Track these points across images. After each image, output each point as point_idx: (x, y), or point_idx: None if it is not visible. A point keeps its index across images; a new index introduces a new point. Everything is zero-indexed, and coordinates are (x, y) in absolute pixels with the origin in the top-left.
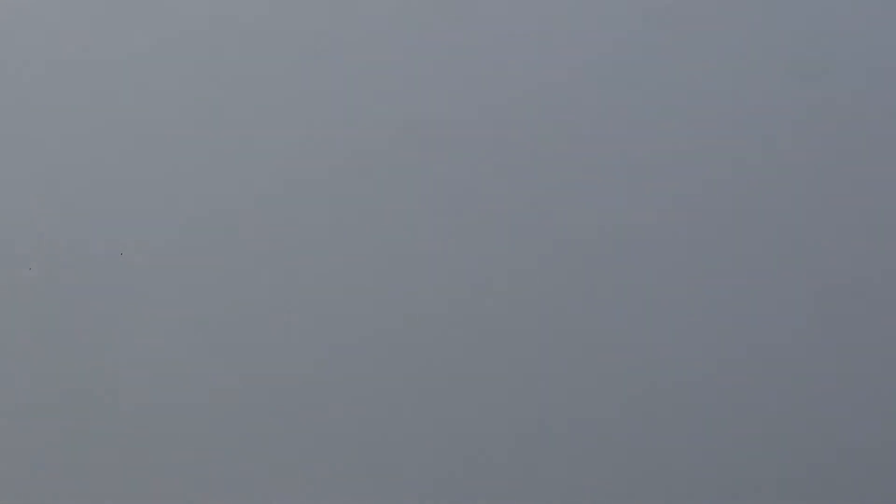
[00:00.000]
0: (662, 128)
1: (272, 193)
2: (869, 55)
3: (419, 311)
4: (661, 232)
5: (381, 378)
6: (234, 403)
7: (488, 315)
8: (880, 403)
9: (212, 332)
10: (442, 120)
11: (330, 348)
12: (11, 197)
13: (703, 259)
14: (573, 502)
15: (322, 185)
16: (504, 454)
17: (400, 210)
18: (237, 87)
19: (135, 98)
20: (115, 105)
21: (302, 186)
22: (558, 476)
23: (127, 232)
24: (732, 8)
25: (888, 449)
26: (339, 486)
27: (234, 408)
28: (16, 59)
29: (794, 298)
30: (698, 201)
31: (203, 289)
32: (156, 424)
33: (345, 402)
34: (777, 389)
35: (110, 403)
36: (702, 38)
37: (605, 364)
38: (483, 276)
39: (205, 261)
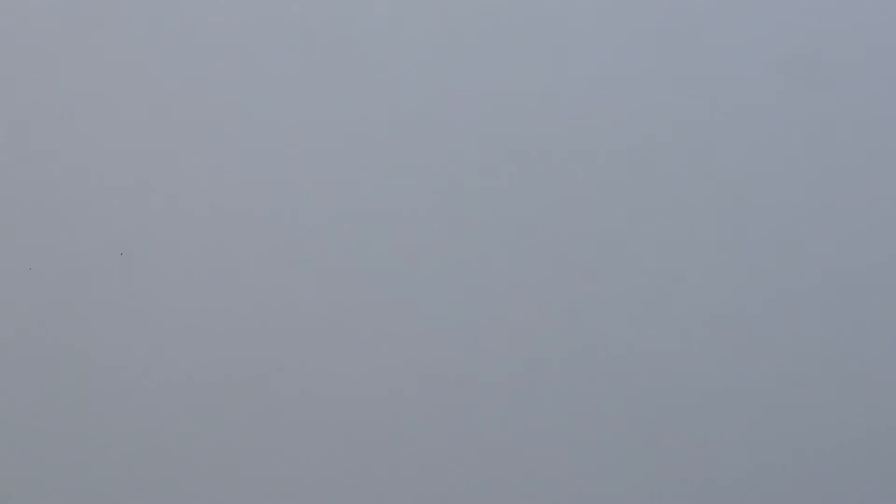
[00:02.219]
0: (664, 128)
1: (273, 194)
2: (872, 56)
3: (417, 312)
4: (662, 233)
5: (382, 378)
6: (236, 404)
7: (486, 316)
8: (880, 405)
9: (213, 332)
10: (442, 118)
11: (331, 348)
12: (11, 197)
13: (703, 260)
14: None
15: (323, 184)
16: (501, 457)
17: (400, 210)
18: (238, 86)
19: (135, 97)
20: (115, 104)
21: (303, 185)
22: (556, 478)
23: (127, 232)
24: (731, 9)
25: (887, 451)
26: (340, 488)
27: (235, 408)
28: (15, 58)
29: (795, 299)
30: (698, 202)
31: (204, 289)
32: (156, 424)
33: (345, 403)
34: (776, 391)
35: (111, 403)
36: (702, 37)
37: (604, 364)
38: (483, 275)
39: (206, 261)
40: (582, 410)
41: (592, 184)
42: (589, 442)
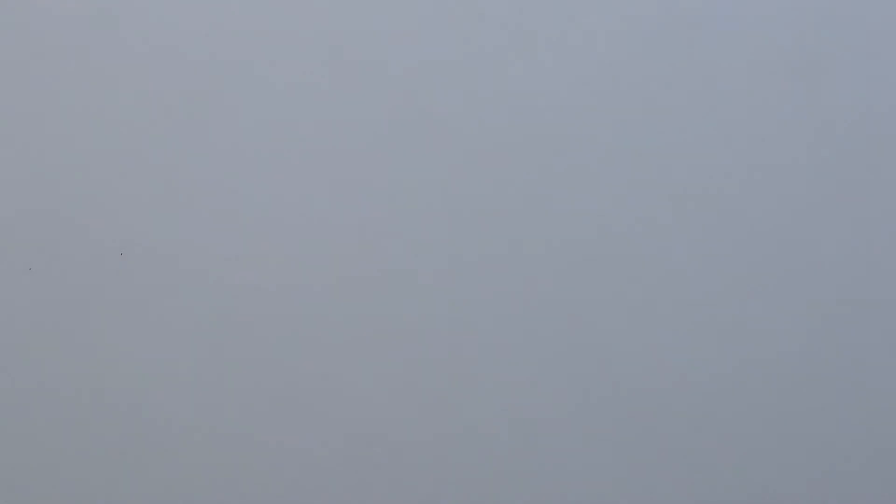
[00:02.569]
0: (664, 130)
1: (273, 194)
2: (872, 54)
3: (415, 312)
4: (661, 234)
5: (379, 379)
6: (235, 404)
7: (484, 316)
8: (880, 409)
9: (213, 332)
10: (440, 119)
11: (330, 349)
12: (11, 197)
13: (703, 263)
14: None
15: (323, 184)
16: (498, 457)
17: (401, 210)
18: (238, 86)
19: (135, 97)
20: (115, 104)
21: (303, 186)
22: (553, 479)
23: (127, 232)
24: (729, 11)
25: (888, 456)
26: (339, 488)
27: (234, 409)
28: (16, 57)
29: (795, 303)
30: (699, 204)
31: (204, 289)
32: (156, 425)
33: (344, 404)
34: (776, 395)
35: (110, 404)
36: (703, 39)
37: (602, 365)
38: (481, 276)
39: (206, 261)
40: (575, 410)
41: (590, 182)
42: (588, 442)
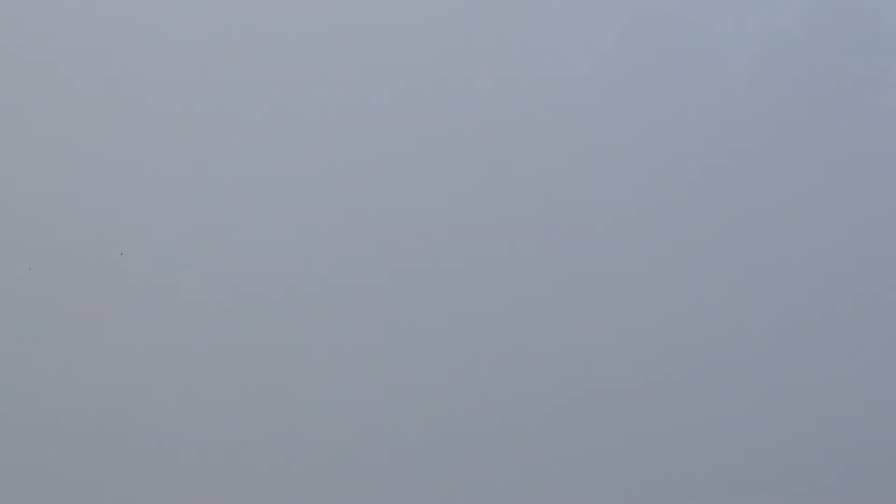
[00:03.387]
0: (662, 131)
1: (273, 195)
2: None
3: (411, 313)
4: (657, 235)
5: (377, 380)
6: (234, 405)
7: (481, 317)
8: (880, 412)
9: (212, 333)
10: (438, 119)
11: (330, 349)
12: (11, 197)
13: (700, 265)
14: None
15: (322, 186)
16: (495, 458)
17: (402, 212)
18: (237, 87)
19: (134, 97)
20: (115, 104)
21: (303, 187)
22: (552, 480)
23: (127, 232)
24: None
25: (886, 458)
26: (339, 488)
27: (234, 410)
28: (15, 57)
29: (794, 304)
30: (696, 207)
31: (203, 290)
32: (155, 424)
33: (343, 403)
34: (775, 397)
35: (109, 403)
36: (701, 42)
37: (599, 366)
38: (479, 277)
39: (205, 262)
40: (569, 411)
41: (589, 184)
42: (581, 444)
